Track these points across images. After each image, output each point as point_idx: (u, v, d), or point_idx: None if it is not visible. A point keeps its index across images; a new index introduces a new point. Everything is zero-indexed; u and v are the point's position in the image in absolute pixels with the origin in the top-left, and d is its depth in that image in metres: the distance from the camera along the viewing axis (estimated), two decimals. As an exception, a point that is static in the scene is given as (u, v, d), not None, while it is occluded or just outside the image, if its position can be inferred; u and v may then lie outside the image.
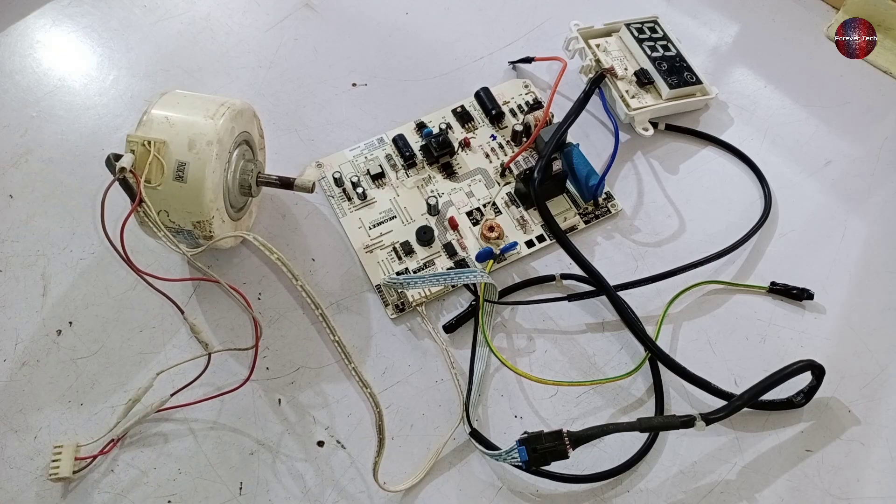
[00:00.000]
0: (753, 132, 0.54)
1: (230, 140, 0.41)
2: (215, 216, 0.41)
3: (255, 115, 0.45)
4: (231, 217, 0.44)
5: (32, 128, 0.52)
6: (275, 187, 0.45)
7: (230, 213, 0.44)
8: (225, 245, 0.45)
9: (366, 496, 0.40)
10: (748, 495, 0.40)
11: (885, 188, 0.51)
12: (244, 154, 0.44)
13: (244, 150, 0.44)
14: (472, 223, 0.49)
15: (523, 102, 0.54)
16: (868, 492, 0.41)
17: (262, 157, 0.48)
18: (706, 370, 0.43)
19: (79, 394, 0.43)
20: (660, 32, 0.55)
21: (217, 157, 0.40)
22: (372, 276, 0.47)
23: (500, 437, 0.42)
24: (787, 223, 0.50)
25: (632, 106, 0.51)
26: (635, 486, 0.41)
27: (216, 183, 0.40)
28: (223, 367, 0.43)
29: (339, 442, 0.42)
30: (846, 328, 0.46)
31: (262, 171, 0.45)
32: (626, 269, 0.48)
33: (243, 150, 0.44)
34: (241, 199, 0.45)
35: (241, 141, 0.43)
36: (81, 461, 0.40)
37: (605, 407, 0.43)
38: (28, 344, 0.44)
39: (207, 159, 0.39)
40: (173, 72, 0.56)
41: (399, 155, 0.51)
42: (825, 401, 0.43)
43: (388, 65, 0.56)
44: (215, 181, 0.40)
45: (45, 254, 0.47)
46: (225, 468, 0.41)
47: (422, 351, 0.45)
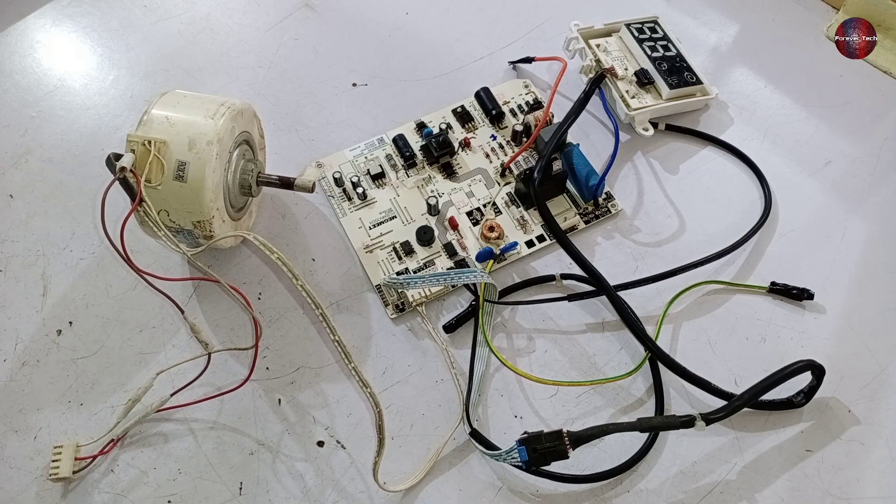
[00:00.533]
0: (753, 132, 0.54)
1: (230, 140, 0.41)
2: (215, 216, 0.41)
3: (255, 115, 0.45)
4: (231, 217, 0.44)
5: (32, 128, 0.52)
6: (275, 187, 0.45)
7: (230, 213, 0.44)
8: (225, 245, 0.45)
9: (366, 496, 0.40)
10: (748, 495, 0.40)
11: (885, 188, 0.51)
12: (244, 154, 0.44)
13: (244, 150, 0.44)
14: (472, 223, 0.49)
15: (523, 102, 0.54)
16: (868, 492, 0.41)
17: (263, 157, 0.48)
18: (706, 370, 0.43)
19: (79, 394, 0.43)
20: (660, 32, 0.55)
21: (217, 156, 0.40)
22: (372, 276, 0.47)
23: (500, 437, 0.42)
24: (787, 223, 0.50)
25: (632, 106, 0.51)
26: (635, 486, 0.41)
27: (216, 183, 0.40)
28: (223, 366, 0.43)
29: (338, 442, 0.42)
30: (846, 328, 0.46)
31: (262, 170, 0.45)
32: (626, 269, 0.48)
33: (243, 150, 0.44)
34: (241, 199, 0.45)
35: (241, 141, 0.43)
36: (81, 461, 0.40)
37: (605, 407, 0.43)
38: (28, 344, 0.44)
39: (208, 159, 0.39)
40: (173, 72, 0.56)
41: (399, 155, 0.51)
42: (825, 401, 0.43)
43: (388, 65, 0.56)
44: (215, 181, 0.40)
45: (45, 254, 0.47)
46: (225, 468, 0.41)
47: (422, 351, 0.45)
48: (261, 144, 0.47)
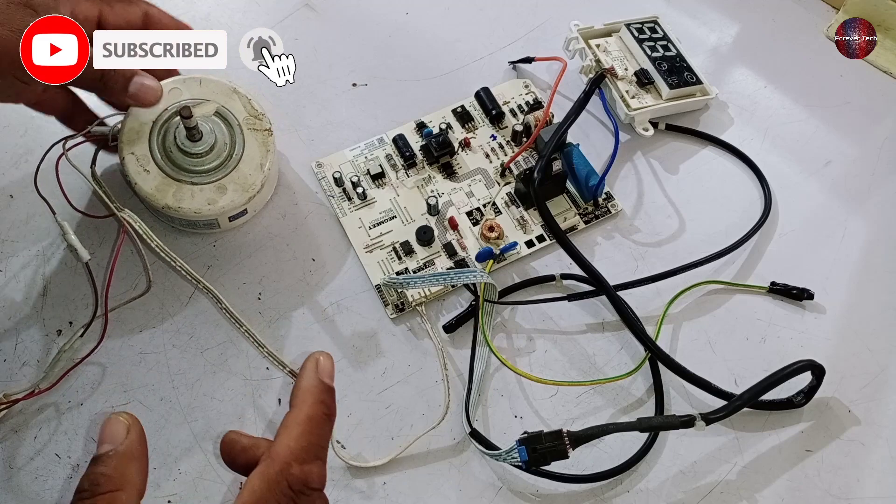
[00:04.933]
0: (753, 132, 0.54)
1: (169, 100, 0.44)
2: (127, 158, 0.43)
3: (235, 91, 0.46)
4: (170, 175, 0.43)
5: (32, 128, 0.52)
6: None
7: (167, 171, 0.44)
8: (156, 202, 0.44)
9: (366, 496, 0.40)
10: (748, 495, 0.40)
11: (885, 188, 0.51)
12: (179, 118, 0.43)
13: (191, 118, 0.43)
14: (472, 223, 0.49)
15: (523, 102, 0.54)
16: (868, 492, 0.41)
17: (261, 138, 0.46)
18: (706, 370, 0.43)
19: (79, 394, 0.43)
20: (660, 32, 0.55)
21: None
22: (372, 276, 0.47)
23: (500, 437, 0.42)
24: (787, 223, 0.50)
25: (632, 106, 0.51)
26: (635, 486, 0.41)
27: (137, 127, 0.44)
28: (224, 366, 0.44)
29: (338, 442, 0.42)
30: (846, 328, 0.46)
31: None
32: (626, 269, 0.48)
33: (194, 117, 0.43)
34: (185, 160, 0.44)
35: (192, 106, 0.43)
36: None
37: (605, 407, 0.43)
38: (28, 344, 0.44)
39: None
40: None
41: (399, 155, 0.51)
42: (825, 401, 0.43)
43: (388, 65, 0.56)
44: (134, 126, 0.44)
45: (45, 254, 0.47)
46: (225, 468, 0.41)
47: (422, 351, 0.45)
48: (254, 125, 0.46)
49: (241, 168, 0.44)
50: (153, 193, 0.43)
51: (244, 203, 0.44)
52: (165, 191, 0.43)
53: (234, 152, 0.45)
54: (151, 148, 0.44)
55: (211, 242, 0.47)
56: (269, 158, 0.45)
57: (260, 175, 0.45)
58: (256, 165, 0.45)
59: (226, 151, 0.44)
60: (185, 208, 0.43)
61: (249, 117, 0.46)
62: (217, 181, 0.44)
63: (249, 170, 0.44)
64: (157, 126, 0.44)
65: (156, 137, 0.44)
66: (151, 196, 0.43)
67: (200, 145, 0.43)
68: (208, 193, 0.44)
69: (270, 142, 0.45)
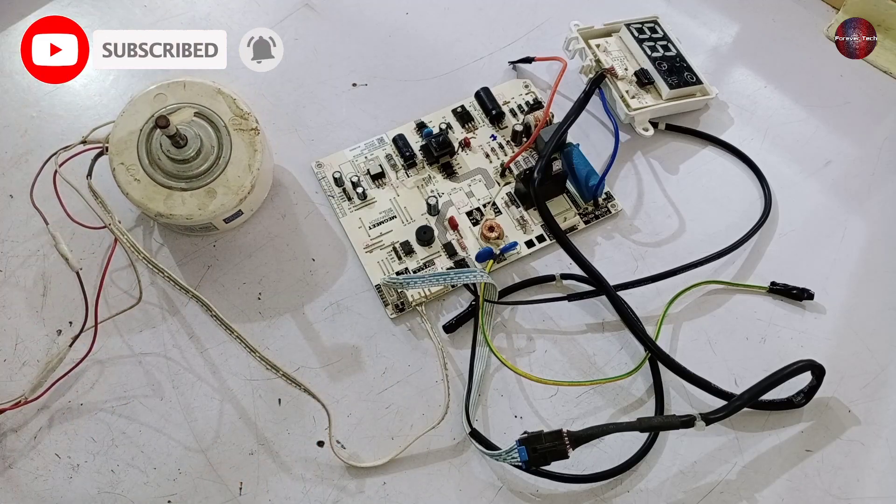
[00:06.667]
0: (753, 132, 0.54)
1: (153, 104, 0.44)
2: (117, 168, 0.43)
3: (219, 92, 0.45)
4: (161, 183, 0.43)
5: (32, 128, 0.52)
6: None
7: (157, 179, 0.43)
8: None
9: (366, 496, 0.40)
10: (748, 495, 0.40)
11: (885, 188, 0.51)
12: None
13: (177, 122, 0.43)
14: (472, 223, 0.49)
15: (523, 102, 0.54)
16: (868, 492, 0.41)
17: (250, 138, 0.46)
18: (706, 370, 0.43)
19: (79, 394, 0.43)
20: (660, 32, 0.55)
21: (124, 114, 0.44)
22: (372, 275, 0.47)
23: (500, 437, 0.42)
24: (787, 223, 0.50)
25: (632, 106, 0.51)
26: (635, 486, 0.41)
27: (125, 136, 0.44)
28: (224, 366, 0.44)
29: (338, 442, 0.42)
30: (846, 328, 0.46)
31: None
32: (626, 269, 0.48)
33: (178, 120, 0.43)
34: (176, 167, 0.44)
35: (174, 110, 0.43)
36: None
37: (605, 407, 0.43)
38: (28, 344, 0.44)
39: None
40: (173, 72, 0.56)
41: (399, 155, 0.51)
42: (825, 401, 0.43)
43: (388, 65, 0.56)
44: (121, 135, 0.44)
45: (45, 254, 0.47)
46: (225, 468, 0.41)
47: (422, 351, 0.45)
48: (240, 125, 0.45)
49: (230, 170, 0.44)
50: (144, 202, 0.43)
51: (235, 205, 0.44)
52: (156, 199, 0.43)
53: (221, 154, 0.44)
54: (140, 156, 0.43)
55: (211, 243, 0.48)
56: (257, 158, 0.44)
57: (249, 176, 0.44)
58: (245, 167, 0.44)
59: (213, 154, 0.44)
60: (176, 215, 0.43)
61: (235, 118, 0.45)
62: (206, 185, 0.44)
63: (238, 171, 0.44)
64: (143, 134, 0.44)
65: (143, 146, 0.44)
66: (142, 205, 0.43)
67: (186, 151, 0.43)
68: (198, 198, 0.43)
69: (258, 141, 0.45)
